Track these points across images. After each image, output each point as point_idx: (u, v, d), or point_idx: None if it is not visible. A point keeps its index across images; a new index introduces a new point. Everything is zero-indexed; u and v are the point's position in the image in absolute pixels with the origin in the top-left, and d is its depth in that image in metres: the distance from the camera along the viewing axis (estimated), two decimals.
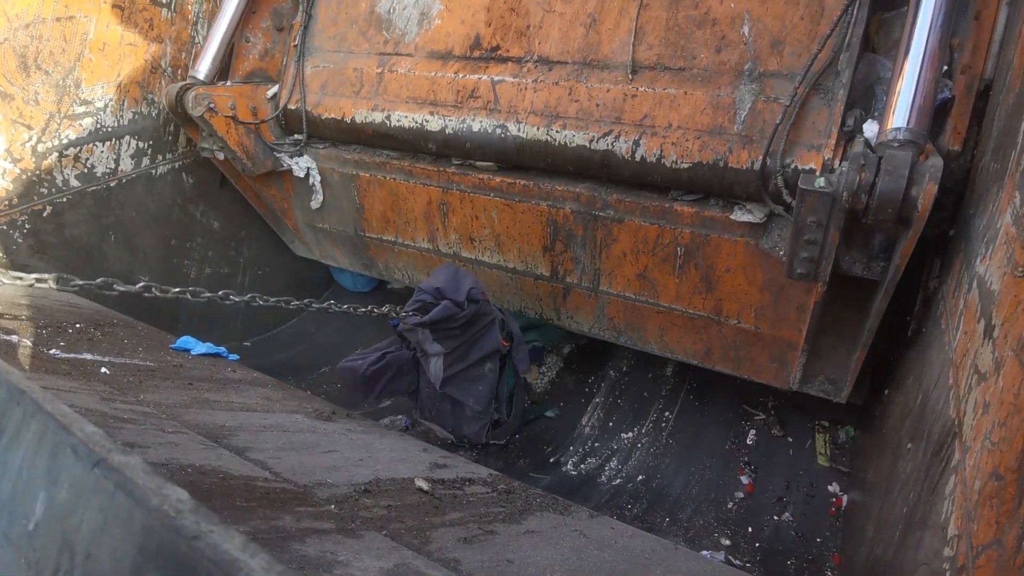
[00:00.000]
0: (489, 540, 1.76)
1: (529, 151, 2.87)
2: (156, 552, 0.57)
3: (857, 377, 2.62)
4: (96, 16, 3.30)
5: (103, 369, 2.38)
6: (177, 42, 3.67)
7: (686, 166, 2.49)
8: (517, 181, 2.99)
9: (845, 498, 3.17)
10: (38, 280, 1.65)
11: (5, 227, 3.17)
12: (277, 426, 2.31)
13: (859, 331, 2.50)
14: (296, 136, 3.67)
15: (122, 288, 1.76)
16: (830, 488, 3.26)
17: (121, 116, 3.53)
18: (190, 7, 3.66)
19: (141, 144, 3.66)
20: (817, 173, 2.16)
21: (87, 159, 3.43)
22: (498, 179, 3.04)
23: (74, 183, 3.40)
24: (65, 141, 3.32)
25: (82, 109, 3.36)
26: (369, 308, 2.70)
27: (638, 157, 2.58)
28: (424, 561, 1.48)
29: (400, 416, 3.87)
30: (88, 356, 2.47)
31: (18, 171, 3.18)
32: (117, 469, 0.63)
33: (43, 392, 0.77)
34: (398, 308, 2.82)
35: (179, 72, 3.74)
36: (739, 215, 2.47)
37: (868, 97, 2.27)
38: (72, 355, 2.42)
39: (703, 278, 2.73)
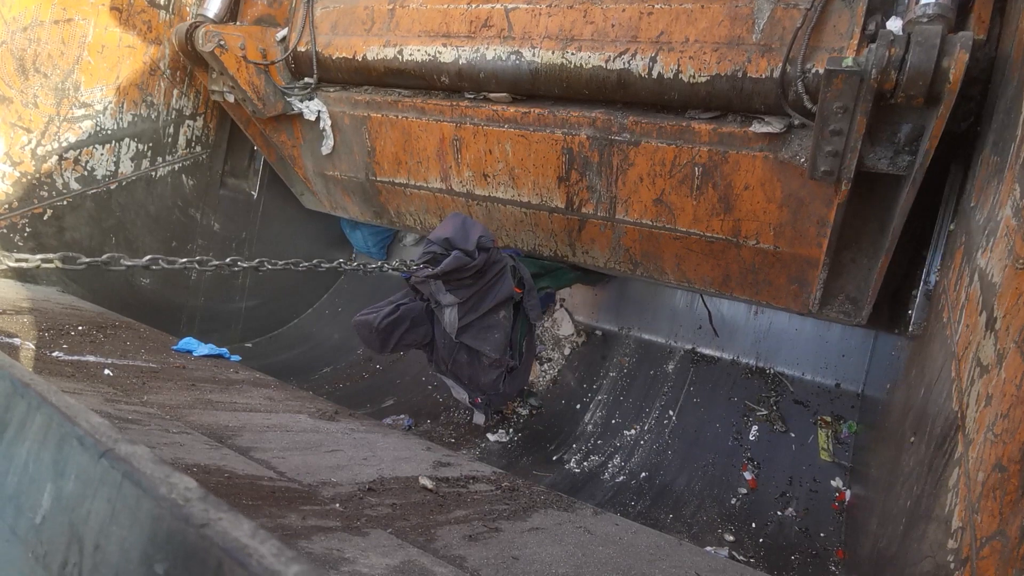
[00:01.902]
0: (494, 537, 1.76)
1: (544, 77, 2.85)
2: (165, 541, 0.57)
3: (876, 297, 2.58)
4: (94, 19, 3.30)
5: (106, 371, 2.38)
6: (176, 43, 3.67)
7: (704, 79, 2.47)
8: (532, 110, 2.96)
9: (848, 493, 3.17)
10: (44, 261, 1.63)
11: (5, 230, 3.18)
12: (280, 426, 2.31)
13: (881, 240, 2.47)
14: (306, 79, 3.64)
15: (129, 262, 1.74)
16: (833, 483, 3.27)
17: (120, 118, 3.53)
18: (188, 8, 3.66)
19: (141, 146, 3.67)
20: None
21: (87, 162, 3.44)
22: (512, 109, 3.01)
23: (74, 186, 3.41)
24: (65, 144, 3.33)
25: (81, 112, 3.36)
26: (380, 264, 2.70)
27: (655, 74, 2.56)
28: (430, 558, 1.48)
29: (403, 416, 3.88)
30: (91, 358, 2.48)
31: (18, 174, 3.18)
32: (124, 459, 0.63)
33: (47, 384, 0.77)
34: (409, 261, 2.81)
35: (178, 74, 3.75)
36: (758, 127, 2.45)
37: (889, 2, 2.24)
38: (75, 357, 2.42)
39: (721, 198, 2.70)
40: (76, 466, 0.68)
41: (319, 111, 3.66)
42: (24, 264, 1.59)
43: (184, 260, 1.88)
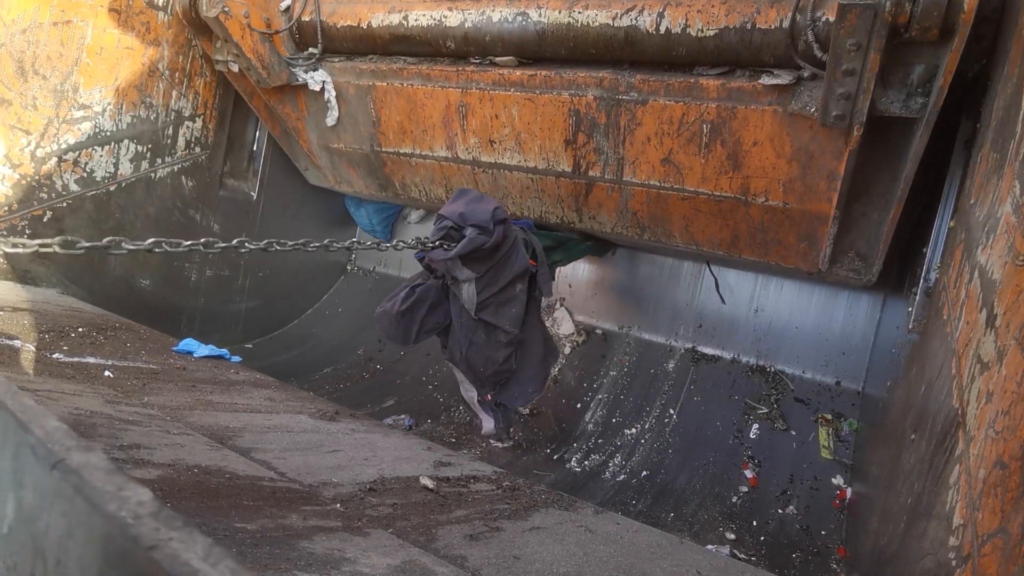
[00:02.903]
0: (495, 537, 1.76)
1: (551, 37, 2.81)
2: (119, 562, 0.53)
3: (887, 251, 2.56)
4: (93, 20, 3.30)
5: (107, 372, 2.39)
6: (174, 44, 3.67)
7: (712, 33, 2.44)
8: (538, 72, 2.93)
9: (849, 490, 3.17)
10: (42, 246, 1.57)
11: (5, 232, 3.18)
12: (281, 427, 2.31)
13: (892, 189, 2.45)
14: (311, 50, 3.61)
15: (131, 246, 1.68)
16: (834, 481, 3.27)
17: (120, 120, 3.53)
18: None
19: (140, 148, 3.66)
20: None
21: (86, 163, 3.44)
22: (519, 72, 2.98)
23: (73, 187, 3.41)
24: (64, 146, 3.33)
25: (80, 113, 3.36)
26: (396, 242, 2.63)
27: (663, 29, 2.53)
28: (431, 558, 1.48)
29: (403, 416, 3.88)
30: (91, 360, 2.48)
31: (17, 176, 3.18)
32: (75, 471, 0.59)
33: (7, 385, 0.73)
34: (424, 239, 2.74)
35: (176, 75, 3.74)
36: (767, 80, 2.43)
37: None
38: (75, 359, 2.42)
39: (730, 156, 2.68)
40: (32, 477, 0.64)
41: (324, 81, 3.62)
42: (21, 249, 1.53)
43: (189, 243, 1.80)
